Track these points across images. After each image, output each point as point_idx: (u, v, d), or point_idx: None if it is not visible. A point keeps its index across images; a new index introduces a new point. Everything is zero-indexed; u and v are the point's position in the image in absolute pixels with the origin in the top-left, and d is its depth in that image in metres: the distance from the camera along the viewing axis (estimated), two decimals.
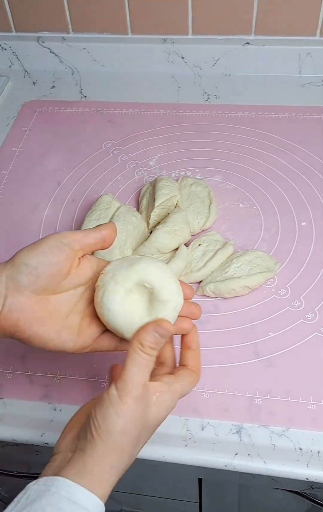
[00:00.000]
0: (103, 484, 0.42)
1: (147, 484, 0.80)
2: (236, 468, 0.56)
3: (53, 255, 0.47)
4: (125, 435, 0.42)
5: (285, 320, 0.65)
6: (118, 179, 0.83)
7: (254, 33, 0.94)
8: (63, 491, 0.40)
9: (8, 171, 0.86)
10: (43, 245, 0.47)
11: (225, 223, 0.76)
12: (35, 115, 0.94)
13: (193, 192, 0.76)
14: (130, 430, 0.43)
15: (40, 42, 0.98)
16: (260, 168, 0.82)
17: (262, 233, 0.74)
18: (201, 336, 0.65)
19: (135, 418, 0.43)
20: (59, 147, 0.88)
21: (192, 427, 0.59)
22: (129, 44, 0.97)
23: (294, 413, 0.58)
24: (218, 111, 0.91)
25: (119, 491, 0.84)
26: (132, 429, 0.43)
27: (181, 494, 0.80)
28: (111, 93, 0.97)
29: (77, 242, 0.48)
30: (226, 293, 0.67)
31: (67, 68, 1.01)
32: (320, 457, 0.56)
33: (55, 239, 0.48)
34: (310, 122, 0.88)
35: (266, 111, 0.90)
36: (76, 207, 0.80)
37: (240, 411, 0.59)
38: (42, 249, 0.47)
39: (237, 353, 0.63)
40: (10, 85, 1.00)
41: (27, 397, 0.62)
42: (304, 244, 0.73)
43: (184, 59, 0.97)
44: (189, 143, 0.87)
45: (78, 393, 0.62)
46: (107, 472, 0.42)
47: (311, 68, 0.95)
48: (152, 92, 0.96)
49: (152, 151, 0.86)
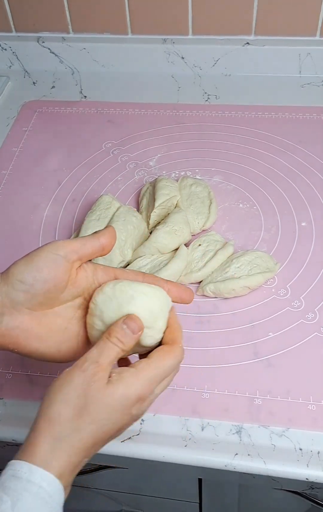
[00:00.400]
0: (49, 457, 0.41)
1: (147, 484, 0.80)
2: (236, 468, 0.56)
3: (49, 270, 0.45)
4: (64, 403, 0.42)
5: (285, 320, 0.65)
6: (118, 179, 0.83)
7: (254, 33, 0.94)
8: (9, 471, 0.40)
9: (8, 171, 0.86)
10: (38, 259, 0.46)
11: (225, 223, 0.76)
12: (35, 115, 0.94)
13: (193, 192, 0.76)
14: (70, 399, 0.42)
15: (40, 42, 0.98)
16: (260, 168, 0.82)
17: (262, 233, 0.74)
18: (201, 336, 0.65)
19: (78, 390, 0.42)
20: (59, 147, 0.88)
21: (192, 427, 0.59)
22: (129, 44, 0.97)
23: (294, 413, 0.58)
24: (218, 111, 0.91)
25: (119, 491, 0.84)
26: (73, 398, 0.42)
27: (181, 494, 0.80)
28: (111, 93, 0.97)
29: (74, 253, 0.47)
30: (226, 293, 0.67)
31: (67, 68, 1.01)
32: (320, 457, 0.56)
33: (50, 251, 0.46)
34: (310, 122, 0.88)
35: (266, 111, 0.90)
36: (76, 207, 0.80)
37: (240, 411, 0.59)
38: (37, 264, 0.46)
39: (237, 353, 0.63)
40: (10, 85, 1.00)
41: (27, 397, 0.62)
42: (304, 244, 0.73)
43: (184, 59, 0.97)
44: (189, 143, 0.87)
45: None
46: (49, 444, 0.41)
47: (311, 68, 0.95)
48: (152, 92, 0.96)
49: (152, 151, 0.86)
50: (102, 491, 0.84)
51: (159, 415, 0.60)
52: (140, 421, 0.59)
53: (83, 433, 0.42)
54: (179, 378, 0.61)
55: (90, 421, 0.42)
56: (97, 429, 0.42)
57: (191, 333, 0.65)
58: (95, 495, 0.85)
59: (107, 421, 0.43)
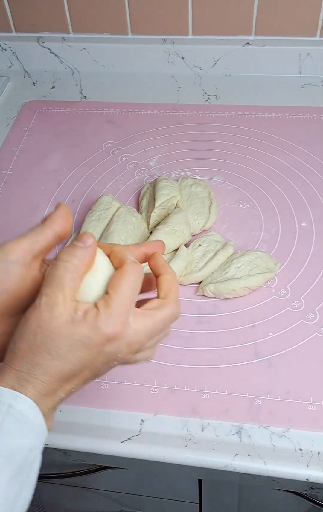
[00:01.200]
0: (15, 385, 0.40)
1: (147, 485, 0.80)
2: (236, 469, 0.56)
3: (2, 282, 0.42)
4: (21, 340, 0.41)
5: (285, 321, 0.65)
6: (118, 180, 0.83)
7: (254, 34, 0.94)
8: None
9: (8, 171, 0.86)
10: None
11: (225, 223, 0.76)
12: (35, 115, 0.94)
13: (193, 192, 0.76)
14: (26, 336, 0.40)
15: (40, 42, 0.98)
16: (260, 168, 0.82)
17: (262, 233, 0.74)
18: (201, 337, 0.65)
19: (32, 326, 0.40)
20: (59, 147, 0.88)
21: (192, 428, 0.58)
22: (129, 44, 0.97)
23: (294, 414, 0.58)
24: (218, 111, 0.91)
25: (119, 491, 0.84)
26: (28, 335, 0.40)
27: (181, 494, 0.80)
28: (111, 93, 0.97)
29: (27, 254, 0.43)
30: (226, 293, 0.67)
31: (67, 69, 1.01)
32: (320, 457, 0.56)
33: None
34: (310, 122, 0.88)
35: (266, 112, 0.90)
36: (76, 208, 0.80)
37: (240, 411, 0.59)
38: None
39: (237, 354, 0.63)
40: (10, 86, 1.00)
41: None
42: (304, 245, 0.73)
43: (184, 60, 0.97)
44: (189, 144, 0.87)
45: (78, 394, 0.61)
46: (14, 374, 0.40)
47: (311, 69, 0.95)
48: (152, 92, 0.96)
49: (152, 151, 0.86)
50: (102, 491, 0.84)
51: (159, 415, 0.60)
52: (140, 421, 0.59)
53: (47, 368, 0.40)
54: (179, 378, 0.62)
55: (51, 357, 0.40)
56: (63, 365, 0.41)
57: (191, 333, 0.65)
58: (95, 495, 0.85)
59: (73, 358, 0.41)
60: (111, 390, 0.62)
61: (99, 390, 0.62)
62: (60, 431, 0.59)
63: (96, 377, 0.44)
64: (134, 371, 0.62)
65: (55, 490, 0.84)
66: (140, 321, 0.43)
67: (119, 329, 0.41)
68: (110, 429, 0.59)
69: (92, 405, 0.61)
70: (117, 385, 0.62)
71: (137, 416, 0.60)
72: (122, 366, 0.46)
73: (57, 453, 0.61)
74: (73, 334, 0.40)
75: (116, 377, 0.62)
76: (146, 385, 0.61)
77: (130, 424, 0.59)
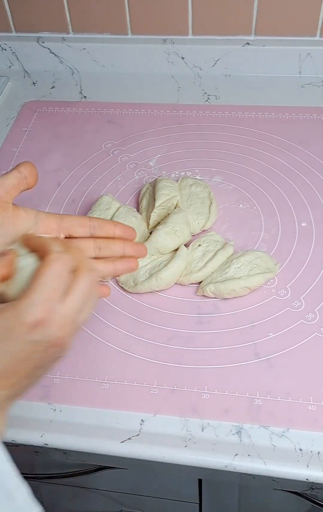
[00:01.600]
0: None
1: (147, 485, 0.80)
2: (236, 469, 0.56)
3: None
4: None
5: (285, 321, 0.65)
6: (118, 180, 0.83)
7: (254, 34, 0.94)
8: None
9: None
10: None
11: (225, 223, 0.76)
12: (35, 115, 0.94)
13: (193, 192, 0.76)
14: None
15: (40, 42, 0.98)
16: (260, 168, 0.82)
17: (262, 233, 0.74)
18: (201, 337, 0.65)
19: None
20: (59, 147, 0.88)
21: (192, 428, 0.58)
22: (129, 44, 0.97)
23: (294, 414, 0.58)
24: (218, 111, 0.91)
25: (119, 491, 0.84)
26: None
27: (181, 494, 0.80)
28: (111, 93, 0.97)
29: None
30: (226, 293, 0.67)
31: (67, 68, 1.01)
32: (320, 457, 0.56)
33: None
34: (310, 122, 0.88)
35: (266, 112, 0.90)
36: (76, 208, 0.80)
37: (240, 411, 0.59)
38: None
39: (237, 354, 0.63)
40: (10, 86, 1.00)
41: (26, 397, 0.62)
42: (304, 245, 0.73)
43: (184, 60, 0.97)
44: (189, 144, 0.87)
45: (78, 394, 0.62)
46: None
47: (311, 69, 0.95)
48: (152, 92, 0.96)
49: (152, 151, 0.86)
50: (102, 491, 0.84)
51: (159, 415, 0.60)
52: (140, 421, 0.59)
53: None
54: (179, 378, 0.62)
55: None
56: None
57: (191, 333, 0.65)
58: (95, 495, 0.85)
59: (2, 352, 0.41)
60: (111, 390, 0.62)
61: (99, 390, 0.62)
62: (60, 431, 0.59)
63: (43, 369, 0.44)
64: (134, 371, 0.63)
65: (55, 490, 0.84)
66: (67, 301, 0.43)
67: (42, 316, 0.41)
68: (110, 429, 0.59)
69: (92, 405, 0.61)
70: (117, 385, 0.62)
71: (137, 416, 0.60)
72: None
73: (57, 453, 0.61)
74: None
75: (116, 377, 0.62)
76: (146, 385, 0.61)
77: (130, 424, 0.59)
